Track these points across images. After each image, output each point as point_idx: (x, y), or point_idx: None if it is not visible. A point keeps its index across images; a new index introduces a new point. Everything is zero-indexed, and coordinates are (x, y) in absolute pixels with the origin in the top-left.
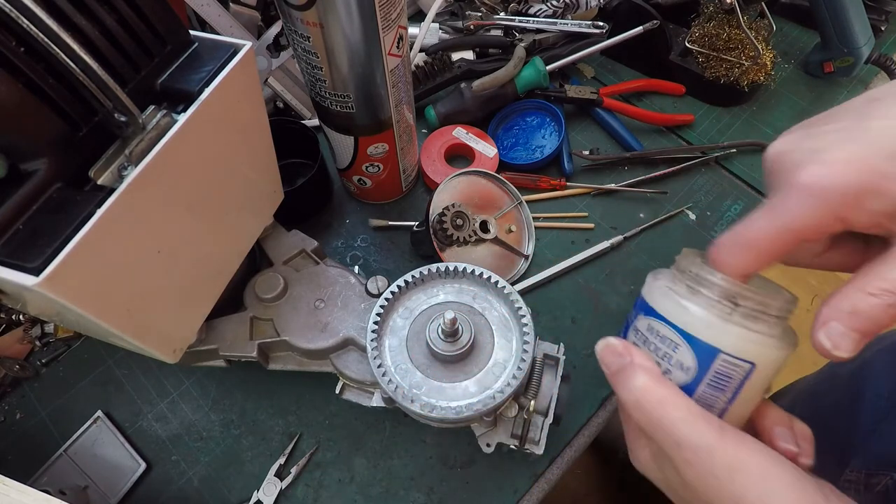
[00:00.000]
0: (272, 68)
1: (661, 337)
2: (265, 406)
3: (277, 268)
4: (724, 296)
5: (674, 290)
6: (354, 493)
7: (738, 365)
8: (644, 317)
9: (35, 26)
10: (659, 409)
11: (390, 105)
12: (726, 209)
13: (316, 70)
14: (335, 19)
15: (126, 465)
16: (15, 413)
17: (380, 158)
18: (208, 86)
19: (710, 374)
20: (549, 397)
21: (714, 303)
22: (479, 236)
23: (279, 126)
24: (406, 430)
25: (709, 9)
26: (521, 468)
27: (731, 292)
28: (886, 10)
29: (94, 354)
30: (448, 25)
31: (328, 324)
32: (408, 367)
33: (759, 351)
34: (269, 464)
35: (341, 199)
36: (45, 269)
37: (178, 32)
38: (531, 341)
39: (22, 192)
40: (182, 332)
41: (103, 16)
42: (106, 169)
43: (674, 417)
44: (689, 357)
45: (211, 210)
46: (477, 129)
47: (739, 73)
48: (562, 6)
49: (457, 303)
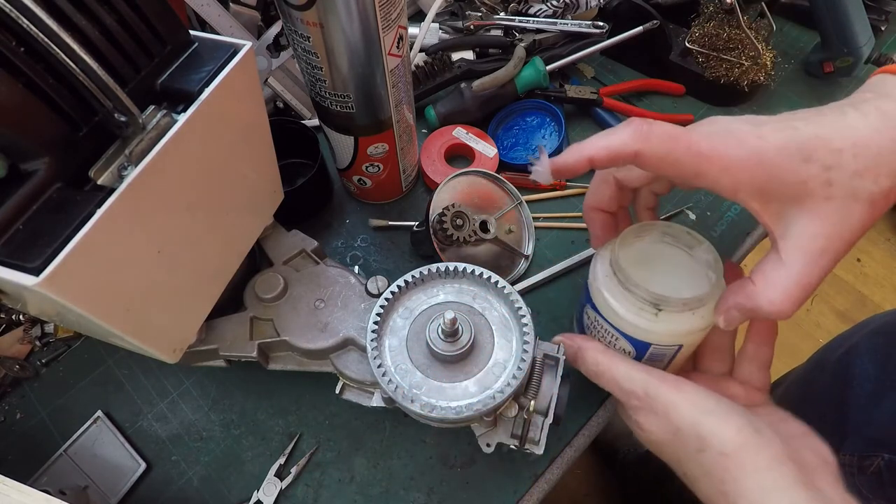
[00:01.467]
0: (272, 68)
1: (605, 330)
2: (265, 406)
3: (277, 268)
4: (649, 302)
5: (609, 291)
6: (354, 493)
7: (669, 347)
8: (590, 309)
9: (35, 26)
10: (609, 371)
11: (390, 105)
12: (726, 209)
13: (316, 70)
14: (335, 19)
15: (126, 465)
16: (15, 413)
17: (380, 158)
18: (208, 86)
19: (647, 356)
20: (549, 397)
21: (640, 308)
22: (479, 236)
23: (279, 126)
24: (406, 430)
25: (709, 9)
26: (521, 468)
27: (655, 299)
28: (886, 10)
29: (94, 354)
30: (448, 25)
31: (328, 324)
32: (408, 367)
33: (683, 338)
34: (269, 464)
35: (341, 199)
36: (45, 269)
37: (178, 32)
38: (531, 341)
39: (22, 192)
40: (182, 332)
41: (103, 16)
42: (106, 169)
43: (621, 373)
44: (627, 346)
45: (211, 210)
46: (477, 129)
47: (739, 73)
48: (562, 6)
49: (457, 303)
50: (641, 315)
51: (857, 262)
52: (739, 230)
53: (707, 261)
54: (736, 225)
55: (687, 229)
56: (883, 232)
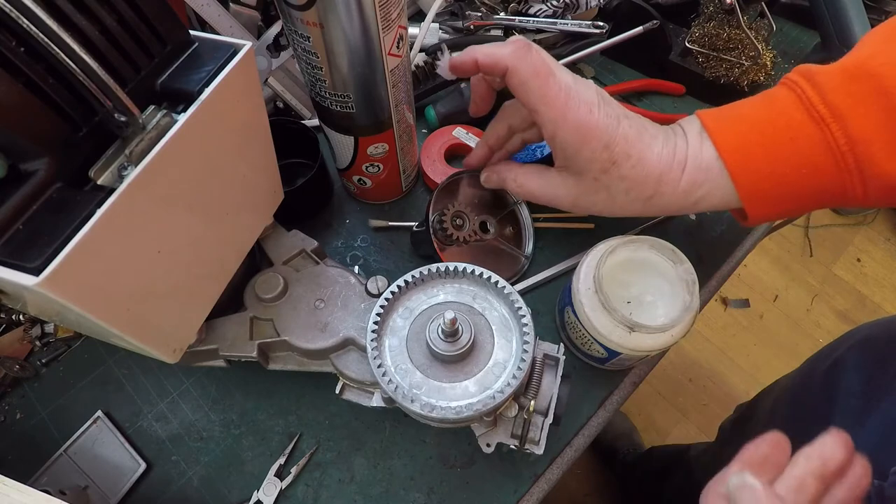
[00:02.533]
0: (272, 68)
1: (581, 332)
2: (265, 406)
3: (277, 268)
4: (624, 323)
5: (589, 306)
6: (354, 493)
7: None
8: (571, 313)
9: (35, 26)
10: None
11: (390, 105)
12: None
13: (316, 70)
14: (335, 19)
15: (126, 465)
16: (15, 413)
17: (380, 158)
18: (208, 86)
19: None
20: (549, 397)
21: (616, 326)
22: (480, 236)
23: (279, 126)
24: (406, 430)
25: (709, 9)
26: (521, 468)
27: (632, 324)
28: (886, 10)
29: (94, 354)
30: (448, 25)
31: (328, 324)
32: (408, 367)
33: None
34: (269, 464)
35: (341, 199)
36: (45, 269)
37: (178, 32)
38: (531, 341)
39: (22, 192)
40: (182, 332)
41: (103, 16)
42: (106, 169)
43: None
44: (600, 349)
45: (211, 210)
46: (477, 129)
47: (739, 73)
48: (562, 6)
49: (457, 303)
50: (616, 331)
51: (857, 262)
52: (740, 230)
53: (686, 281)
54: (736, 225)
55: (672, 247)
56: (883, 232)
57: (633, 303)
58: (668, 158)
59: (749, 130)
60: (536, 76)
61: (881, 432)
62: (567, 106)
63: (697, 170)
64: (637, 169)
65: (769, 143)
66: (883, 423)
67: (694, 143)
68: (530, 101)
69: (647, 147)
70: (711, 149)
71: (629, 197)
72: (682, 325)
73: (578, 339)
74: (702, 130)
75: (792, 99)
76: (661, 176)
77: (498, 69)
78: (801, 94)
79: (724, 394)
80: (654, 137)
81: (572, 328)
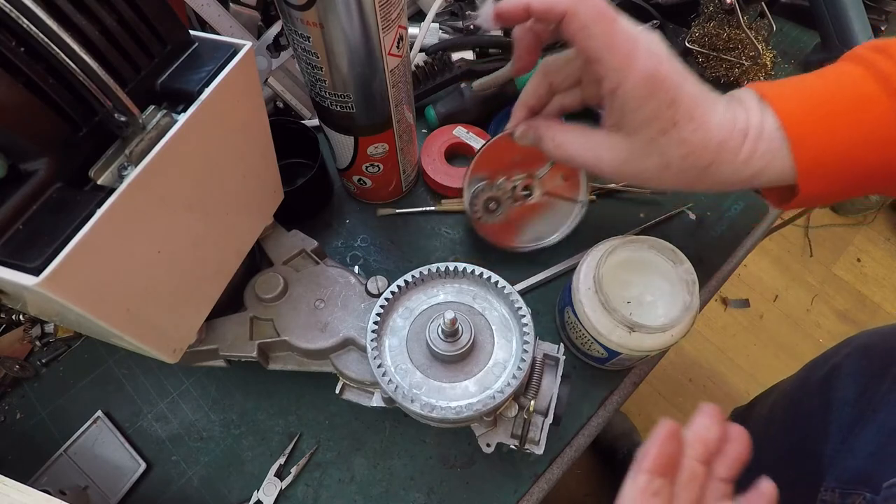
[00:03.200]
0: (272, 68)
1: (581, 332)
2: (265, 406)
3: (277, 268)
4: (624, 323)
5: (589, 306)
6: (354, 493)
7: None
8: (571, 312)
9: (35, 26)
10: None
11: (390, 105)
12: (727, 209)
13: (316, 70)
14: (335, 19)
15: (126, 465)
16: (15, 413)
17: (380, 158)
18: (208, 86)
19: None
20: (549, 397)
21: (616, 326)
22: (522, 202)
23: (279, 126)
24: (406, 430)
25: (709, 9)
26: (521, 468)
27: (632, 324)
28: (886, 10)
29: (94, 354)
30: (448, 25)
31: (328, 324)
32: (408, 367)
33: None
34: (269, 464)
35: (341, 199)
36: (45, 269)
37: (178, 32)
38: (531, 341)
39: (22, 192)
40: (182, 332)
41: (103, 16)
42: (106, 169)
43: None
44: (600, 349)
45: (211, 210)
46: (477, 129)
47: (739, 73)
48: None
49: (457, 303)
50: (616, 331)
51: (857, 262)
52: (740, 230)
53: (686, 281)
54: (736, 225)
55: (673, 247)
56: (883, 232)
57: (633, 303)
58: (728, 126)
59: (812, 102)
60: (601, 20)
61: (875, 443)
62: (635, 55)
63: (759, 139)
64: (699, 133)
65: (834, 115)
66: (878, 434)
67: (754, 113)
68: (592, 49)
69: (709, 109)
70: (773, 118)
71: (685, 164)
72: (682, 325)
73: (578, 339)
74: (761, 101)
75: (860, 72)
76: (721, 143)
77: (554, 14)
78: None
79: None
80: (717, 101)
81: (572, 328)
